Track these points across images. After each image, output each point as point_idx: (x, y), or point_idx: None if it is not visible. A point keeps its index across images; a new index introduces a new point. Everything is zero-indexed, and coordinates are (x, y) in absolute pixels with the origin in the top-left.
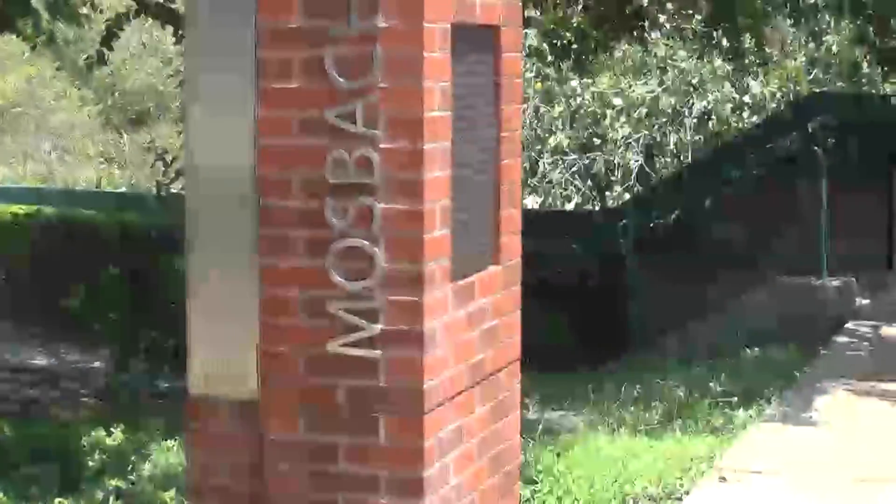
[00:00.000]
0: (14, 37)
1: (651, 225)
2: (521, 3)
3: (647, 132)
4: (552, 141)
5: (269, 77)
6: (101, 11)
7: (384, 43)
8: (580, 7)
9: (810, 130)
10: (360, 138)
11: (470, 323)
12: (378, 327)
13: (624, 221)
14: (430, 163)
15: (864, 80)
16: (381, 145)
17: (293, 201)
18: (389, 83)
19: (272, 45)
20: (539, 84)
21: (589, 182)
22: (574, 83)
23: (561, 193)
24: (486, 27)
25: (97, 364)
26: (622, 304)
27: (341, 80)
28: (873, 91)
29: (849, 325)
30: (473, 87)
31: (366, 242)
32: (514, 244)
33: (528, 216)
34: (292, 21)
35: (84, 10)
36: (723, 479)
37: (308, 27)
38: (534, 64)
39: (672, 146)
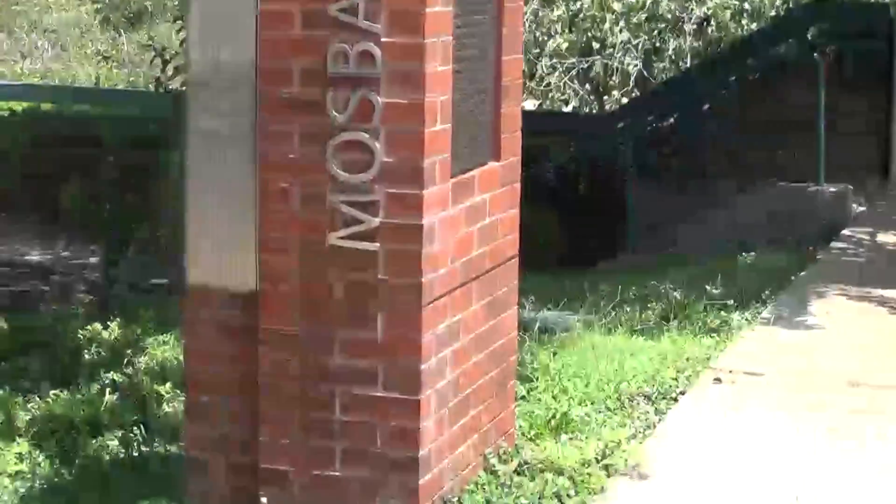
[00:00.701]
0: None
1: (648, 129)
2: None
3: (646, 37)
4: (551, 44)
5: None
6: None
7: None
8: None
9: (809, 37)
10: (362, 32)
11: (468, 218)
12: (377, 220)
13: (621, 125)
14: (432, 57)
15: None
16: (383, 39)
17: (293, 93)
18: None
19: None
20: None
21: (587, 86)
22: None
23: (559, 97)
24: None
25: (92, 259)
26: (618, 208)
27: None
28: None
29: (845, 231)
30: None
31: (366, 136)
32: (514, 141)
33: (526, 117)
34: None
35: None
36: (717, 380)
37: None
38: None
39: (671, 52)
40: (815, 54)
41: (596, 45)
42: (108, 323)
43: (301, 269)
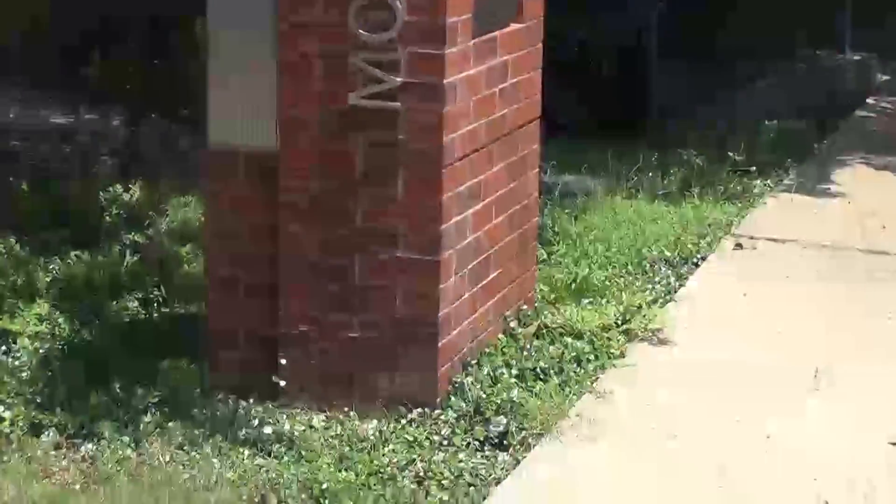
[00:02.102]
0: None
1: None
2: None
3: None
4: None
5: None
6: None
7: None
8: None
9: None
10: None
11: (490, 79)
12: (398, 79)
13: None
14: None
15: None
16: None
17: None
18: None
19: None
20: None
21: None
22: None
23: None
24: None
25: (114, 123)
26: (640, 87)
27: None
28: None
29: (869, 100)
30: None
31: None
32: (537, 2)
33: None
34: None
35: None
36: (738, 245)
37: None
38: None
39: None
40: None
41: None
42: (130, 185)
43: (321, 129)
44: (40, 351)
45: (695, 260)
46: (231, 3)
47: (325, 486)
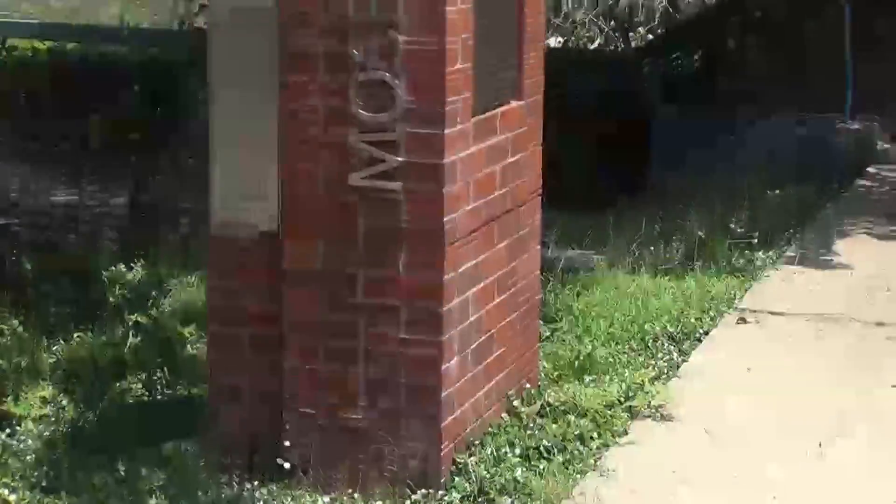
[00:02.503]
0: None
1: (674, 64)
2: None
3: None
4: None
5: None
6: None
7: None
8: None
9: None
10: None
11: (490, 158)
12: (398, 160)
13: (647, 60)
14: None
15: None
16: None
17: (316, 34)
18: None
19: None
20: None
21: (612, 23)
22: None
23: (584, 34)
24: None
25: (118, 198)
26: (643, 142)
27: None
28: None
29: (870, 168)
30: None
31: (388, 75)
32: (536, 80)
33: (552, 54)
34: None
35: None
36: (742, 319)
37: None
38: None
39: None
40: None
41: None
42: (133, 264)
43: (323, 209)
44: (45, 434)
45: (698, 335)
46: (234, 83)
47: None
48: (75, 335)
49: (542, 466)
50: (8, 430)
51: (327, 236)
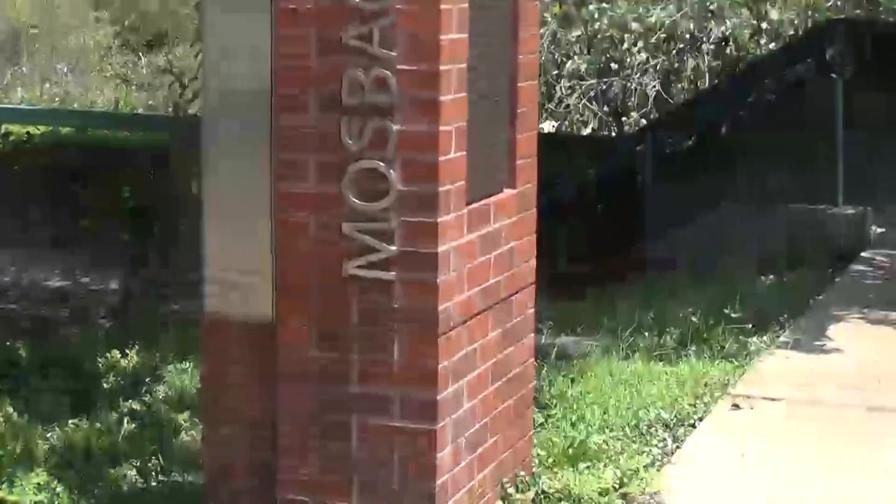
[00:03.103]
0: None
1: (666, 150)
2: None
3: (664, 58)
4: (569, 66)
5: None
6: None
7: None
8: None
9: (827, 58)
10: (377, 59)
11: (484, 246)
12: (393, 249)
13: (640, 146)
14: (447, 84)
15: (881, 8)
16: (398, 66)
17: (309, 121)
18: (407, 4)
19: None
20: (557, 8)
21: (605, 107)
22: (592, 7)
23: (578, 119)
24: None
25: (111, 284)
26: (637, 228)
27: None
28: (891, 19)
29: (864, 253)
30: (491, 9)
31: (381, 164)
32: (530, 168)
33: (545, 139)
34: None
35: None
36: (736, 406)
37: None
38: None
39: (689, 72)
40: (833, 74)
41: (614, 66)
42: (127, 350)
43: (317, 298)
44: None
45: (692, 421)
46: (226, 170)
47: None
48: (70, 422)
49: None
50: None
51: (321, 324)
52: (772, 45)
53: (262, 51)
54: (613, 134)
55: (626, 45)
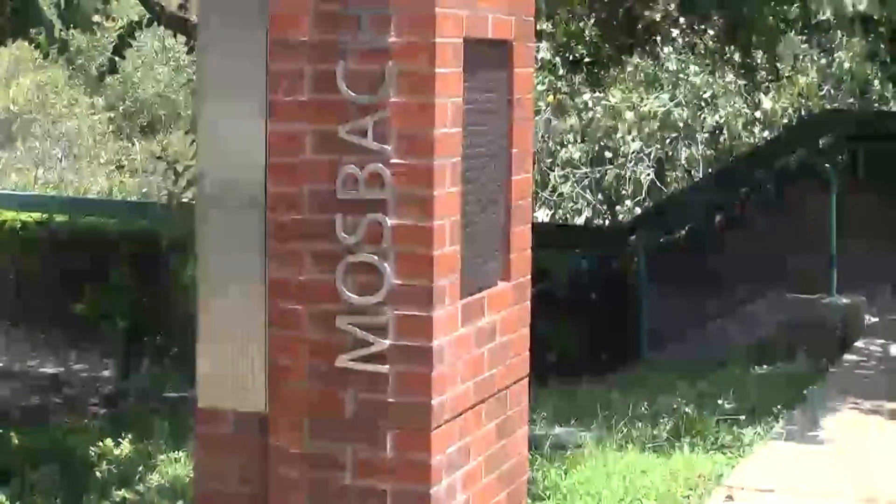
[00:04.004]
0: (26, 43)
1: (660, 239)
2: (533, 19)
3: (658, 146)
4: (563, 154)
5: (280, 90)
6: (113, 19)
7: (396, 58)
8: (592, 21)
9: (821, 147)
10: (371, 153)
11: (479, 339)
12: (386, 342)
13: (633, 236)
14: (441, 179)
15: (874, 97)
16: (392, 160)
17: (303, 216)
18: (401, 99)
19: (283, 58)
20: (551, 97)
21: (599, 196)
22: (586, 96)
23: (571, 207)
24: (499, 42)
25: (105, 371)
26: (631, 318)
27: (353, 94)
28: (884, 108)
29: (858, 343)
30: (485, 102)
31: (375, 258)
32: (524, 260)
33: (539, 229)
34: (303, 34)
35: (97, 18)
36: (729, 497)
37: (319, 41)
38: (546, 77)
39: (683, 161)
40: (827, 163)
41: (608, 155)
42: (120, 439)
43: (310, 391)
44: None
45: None
46: (220, 262)
47: None
48: None
49: None
50: None
51: (314, 416)
52: (765, 134)
53: (257, 143)
54: (607, 223)
55: (620, 134)
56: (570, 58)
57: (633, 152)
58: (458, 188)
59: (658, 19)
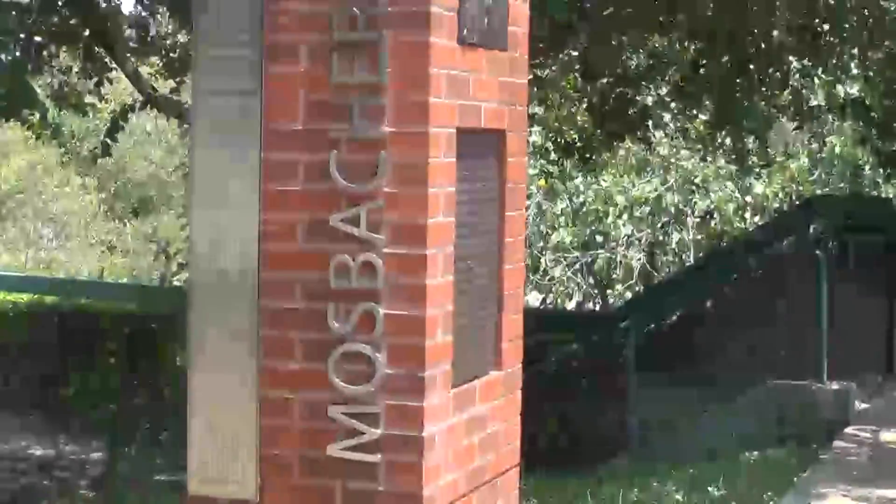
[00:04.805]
0: (18, 123)
1: (651, 326)
2: (526, 108)
3: (649, 230)
4: (555, 237)
5: (274, 179)
6: (106, 101)
7: (390, 148)
8: (584, 106)
9: (811, 232)
10: (364, 243)
11: (470, 428)
12: (378, 432)
13: (624, 323)
14: (433, 268)
15: (865, 182)
16: (385, 250)
17: (295, 304)
18: (394, 188)
19: (277, 146)
20: (542, 181)
21: (590, 279)
22: (577, 180)
23: (563, 290)
24: (492, 132)
25: (94, 454)
26: (621, 406)
27: (346, 184)
28: (875, 193)
29: (848, 429)
30: (478, 192)
31: (367, 347)
32: (516, 350)
33: (529, 314)
34: (297, 124)
35: (90, 99)
36: None
37: (313, 130)
38: (538, 161)
39: (674, 245)
40: (817, 249)
41: (599, 239)
42: None
43: (301, 480)
44: None
45: None
46: (212, 349)
47: None
48: None
49: None
50: None
51: (305, 501)
52: (756, 219)
53: (250, 230)
54: (598, 307)
55: (611, 218)
56: (562, 142)
57: (624, 236)
58: (451, 277)
59: (650, 104)
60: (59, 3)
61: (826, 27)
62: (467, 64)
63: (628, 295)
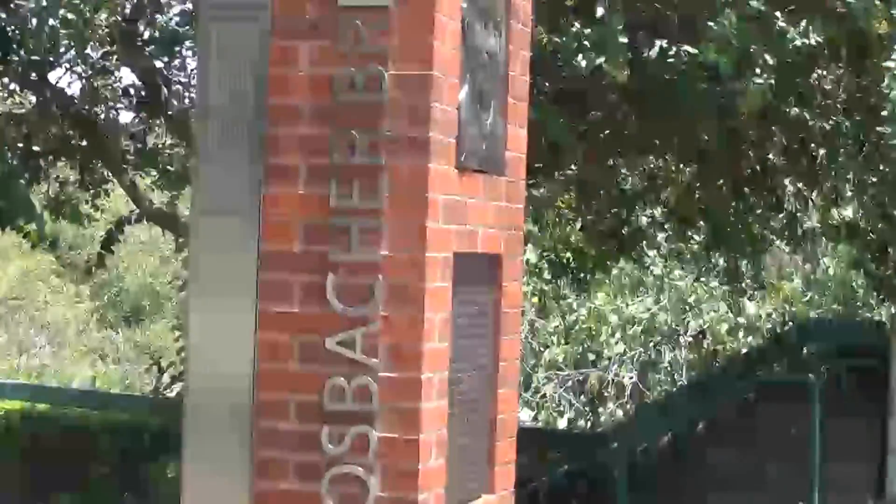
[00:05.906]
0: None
1: (642, 447)
2: (522, 233)
3: (641, 349)
4: (547, 355)
5: (270, 300)
6: (102, 212)
7: (386, 272)
8: (579, 226)
9: (804, 355)
10: (359, 366)
11: None
12: None
13: (614, 444)
14: (428, 393)
15: (859, 305)
16: (381, 374)
17: (289, 425)
18: (390, 312)
19: (273, 268)
20: (536, 299)
21: (582, 397)
22: (570, 299)
23: (554, 408)
24: (488, 256)
25: None
26: None
27: (342, 307)
28: (868, 316)
29: None
30: (473, 315)
31: (360, 470)
32: (508, 473)
33: (520, 432)
34: (294, 246)
35: (86, 208)
36: None
37: (310, 253)
38: (531, 279)
39: (667, 364)
40: (810, 373)
41: (591, 357)
42: None
43: None
44: None
45: None
46: (207, 462)
47: None
48: None
49: None
50: None
51: None
52: (749, 339)
53: (245, 350)
54: (590, 425)
55: (603, 337)
56: (556, 261)
57: (616, 355)
58: (445, 401)
59: (644, 224)
60: (58, 114)
61: (822, 152)
62: (465, 189)
63: (619, 413)
